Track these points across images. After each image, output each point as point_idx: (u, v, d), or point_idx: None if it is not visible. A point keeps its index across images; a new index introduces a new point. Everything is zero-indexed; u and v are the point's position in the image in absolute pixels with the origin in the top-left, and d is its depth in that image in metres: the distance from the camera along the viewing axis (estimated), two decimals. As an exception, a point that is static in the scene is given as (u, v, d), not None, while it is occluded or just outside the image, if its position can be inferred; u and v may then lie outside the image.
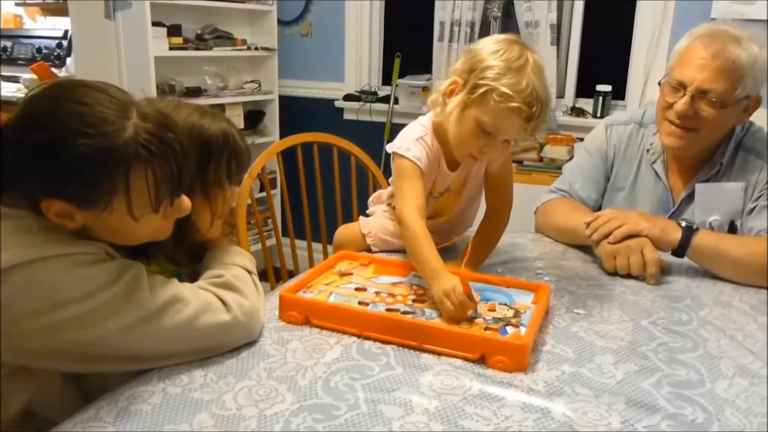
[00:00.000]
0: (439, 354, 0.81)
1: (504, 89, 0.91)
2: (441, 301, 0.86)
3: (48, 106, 0.71)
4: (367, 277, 1.02)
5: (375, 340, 0.84)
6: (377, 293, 0.96)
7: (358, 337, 0.85)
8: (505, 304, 0.92)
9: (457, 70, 0.99)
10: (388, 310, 0.90)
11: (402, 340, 0.83)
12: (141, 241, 0.79)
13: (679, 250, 1.13)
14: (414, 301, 0.94)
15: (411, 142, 1.03)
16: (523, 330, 0.84)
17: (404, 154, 1.01)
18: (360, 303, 0.91)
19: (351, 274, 1.04)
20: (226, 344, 0.79)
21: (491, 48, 0.95)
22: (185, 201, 0.79)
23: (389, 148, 1.05)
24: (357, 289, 0.97)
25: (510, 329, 0.85)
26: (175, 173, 0.73)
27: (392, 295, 0.95)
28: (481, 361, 0.79)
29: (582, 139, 2.08)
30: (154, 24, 2.42)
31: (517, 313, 0.89)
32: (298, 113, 3.10)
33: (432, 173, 1.06)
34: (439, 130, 1.05)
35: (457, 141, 0.99)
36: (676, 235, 1.12)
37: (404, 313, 0.89)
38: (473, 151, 0.99)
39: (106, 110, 0.70)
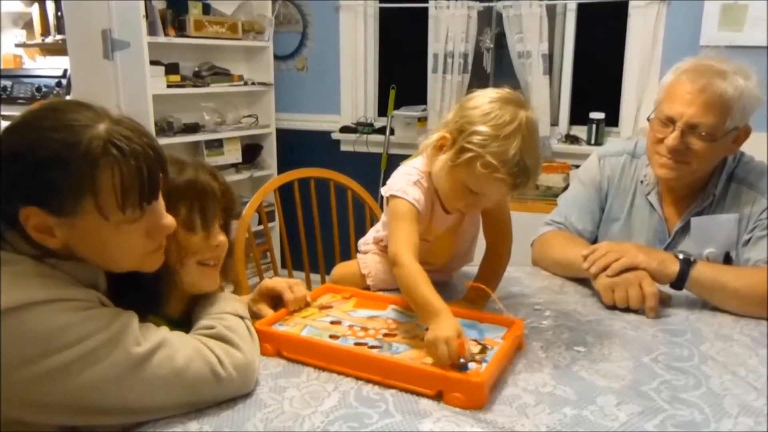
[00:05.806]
0: (401, 390, 0.81)
1: (489, 159, 0.90)
2: (434, 343, 0.81)
3: (22, 118, 0.74)
4: (346, 311, 1.03)
5: (339, 373, 0.85)
6: (350, 327, 0.96)
7: (357, 379, 0.84)
8: (475, 340, 0.91)
9: (448, 123, 0.99)
10: (356, 344, 0.90)
11: (366, 374, 0.84)
12: (129, 267, 0.78)
13: (678, 283, 1.13)
14: (385, 335, 0.94)
15: (408, 186, 1.02)
16: (484, 367, 0.83)
17: (403, 196, 1.00)
18: (331, 336, 0.92)
19: (331, 307, 1.05)
20: (220, 397, 0.78)
21: (484, 109, 0.93)
22: (168, 218, 0.79)
23: (385, 191, 1.04)
24: (332, 323, 0.98)
25: (472, 365, 0.83)
26: (144, 175, 0.73)
27: (365, 329, 0.96)
28: (439, 397, 0.79)
29: (577, 166, 2.09)
30: (152, 63, 2.46)
31: (483, 349, 0.88)
32: (296, 146, 3.13)
33: (427, 216, 1.06)
34: (432, 175, 1.05)
35: (445, 195, 1.02)
36: (675, 267, 1.12)
37: (372, 347, 0.89)
38: (460, 206, 1.02)
39: (79, 115, 0.73)
